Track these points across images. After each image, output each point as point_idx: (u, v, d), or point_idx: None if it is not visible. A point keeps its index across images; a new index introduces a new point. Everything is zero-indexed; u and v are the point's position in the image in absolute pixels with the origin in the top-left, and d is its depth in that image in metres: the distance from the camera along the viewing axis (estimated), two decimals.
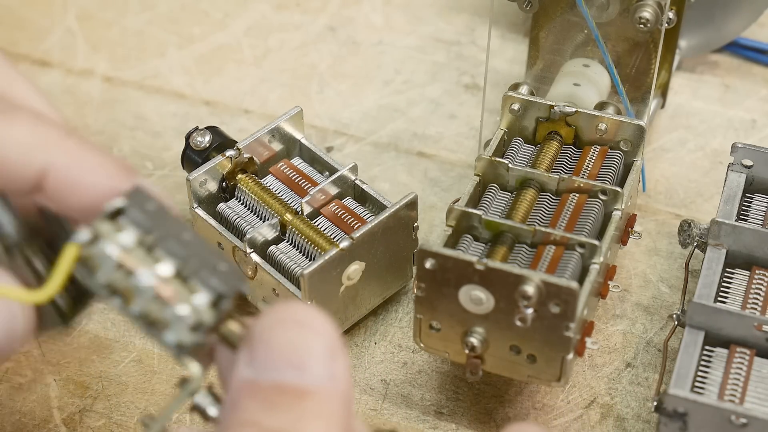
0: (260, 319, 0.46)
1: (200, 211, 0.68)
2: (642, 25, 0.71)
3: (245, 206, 0.68)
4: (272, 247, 0.66)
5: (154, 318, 0.46)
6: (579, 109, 0.67)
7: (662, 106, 0.79)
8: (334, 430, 0.44)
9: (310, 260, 0.65)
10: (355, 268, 0.64)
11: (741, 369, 0.60)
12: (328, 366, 0.45)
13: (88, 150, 0.49)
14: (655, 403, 0.59)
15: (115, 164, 0.49)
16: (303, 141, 0.71)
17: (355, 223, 0.66)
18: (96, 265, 0.46)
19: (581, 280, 0.60)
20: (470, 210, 0.62)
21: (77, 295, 0.49)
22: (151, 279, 0.46)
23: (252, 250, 0.65)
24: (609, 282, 0.64)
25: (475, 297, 0.58)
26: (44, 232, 0.50)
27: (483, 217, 0.62)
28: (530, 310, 0.57)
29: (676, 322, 0.64)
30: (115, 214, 0.47)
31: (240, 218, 0.67)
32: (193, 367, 0.46)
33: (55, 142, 0.49)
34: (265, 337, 0.45)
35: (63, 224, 0.49)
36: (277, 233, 0.67)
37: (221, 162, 0.68)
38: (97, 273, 0.46)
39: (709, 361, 0.60)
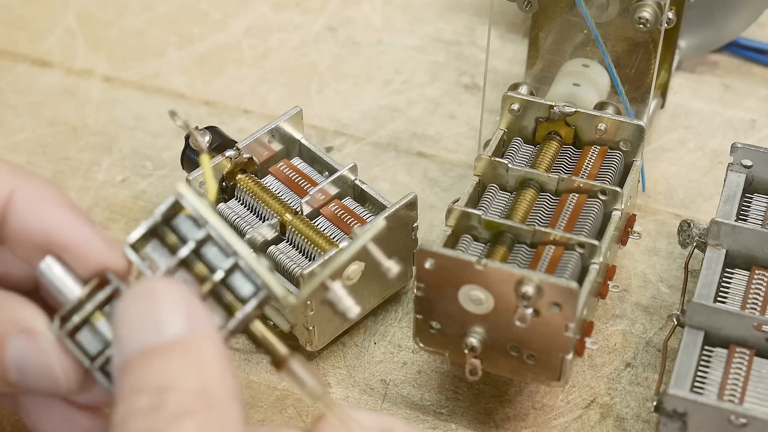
0: (116, 308, 0.49)
1: None
2: (642, 25, 0.71)
3: (245, 206, 0.68)
4: (272, 247, 0.66)
5: None
6: (579, 109, 0.67)
7: (662, 106, 0.79)
8: (210, 375, 0.46)
9: (310, 260, 0.65)
10: (355, 268, 0.64)
11: (740, 369, 0.60)
12: (184, 320, 0.47)
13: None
14: (654, 403, 0.59)
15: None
16: (303, 141, 0.71)
17: (355, 223, 0.66)
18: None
19: (581, 280, 0.60)
20: (470, 210, 0.62)
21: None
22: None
23: (252, 250, 0.65)
24: (609, 282, 0.64)
25: (475, 297, 0.58)
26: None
27: (483, 217, 0.62)
28: (530, 310, 0.57)
29: (676, 322, 0.64)
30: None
31: (240, 218, 0.67)
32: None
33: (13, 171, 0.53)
34: (120, 319, 0.48)
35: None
36: (276, 233, 0.67)
37: (221, 162, 0.68)
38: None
39: (708, 361, 0.60)
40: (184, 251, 0.52)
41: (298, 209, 0.67)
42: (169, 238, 0.53)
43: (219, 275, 0.52)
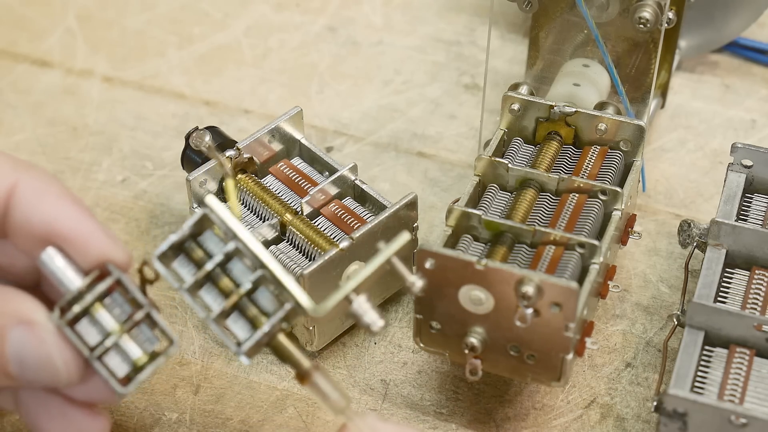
0: None
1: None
2: (642, 25, 0.71)
3: (245, 206, 0.68)
4: (272, 247, 0.66)
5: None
6: (579, 109, 0.67)
7: (662, 106, 0.79)
8: None
9: (310, 260, 0.65)
10: (355, 268, 0.64)
11: (741, 369, 0.60)
12: None
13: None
14: (654, 403, 0.59)
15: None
16: (303, 141, 0.71)
17: (355, 223, 0.66)
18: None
19: (581, 280, 0.60)
20: (470, 210, 0.62)
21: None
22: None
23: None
24: (609, 282, 0.64)
25: (475, 297, 0.58)
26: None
27: (483, 217, 0.62)
28: (530, 310, 0.57)
29: (676, 322, 0.64)
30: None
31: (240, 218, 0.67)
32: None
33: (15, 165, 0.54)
34: None
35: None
36: (277, 233, 0.67)
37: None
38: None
39: (708, 361, 0.60)
40: (210, 264, 0.53)
41: (298, 209, 0.67)
42: (195, 253, 0.54)
43: (245, 288, 0.53)
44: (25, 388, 0.54)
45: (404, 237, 0.54)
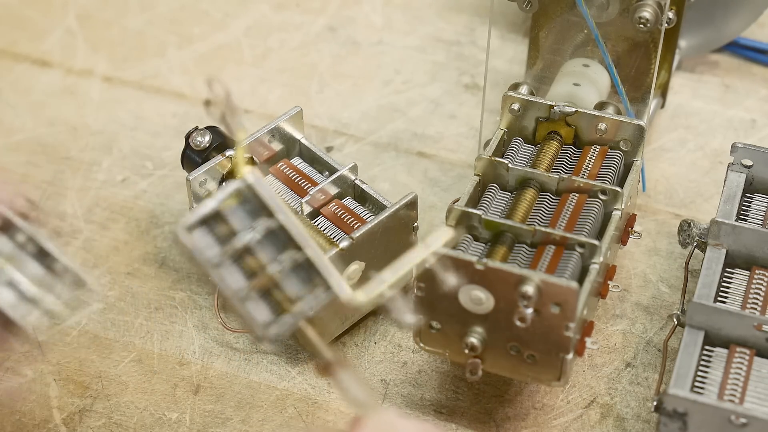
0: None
1: None
2: (642, 25, 0.71)
3: None
4: None
5: None
6: (579, 109, 0.67)
7: (662, 106, 0.79)
8: None
9: None
10: (355, 268, 0.64)
11: (741, 369, 0.59)
12: None
13: None
14: (654, 403, 0.59)
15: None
16: (303, 141, 0.71)
17: (355, 223, 0.66)
18: None
19: (581, 280, 0.60)
20: (470, 210, 0.62)
21: None
22: None
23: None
24: (609, 282, 0.64)
25: (475, 297, 0.58)
26: None
27: (483, 217, 0.62)
28: (530, 310, 0.57)
29: (676, 322, 0.64)
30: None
31: None
32: None
33: None
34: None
35: None
36: None
37: (221, 162, 0.68)
38: None
39: (708, 361, 0.60)
40: (243, 239, 0.50)
41: (298, 209, 0.67)
42: (219, 228, 0.51)
43: (275, 268, 0.50)
44: None
45: (447, 233, 0.53)
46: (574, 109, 0.67)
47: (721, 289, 0.63)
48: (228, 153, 0.68)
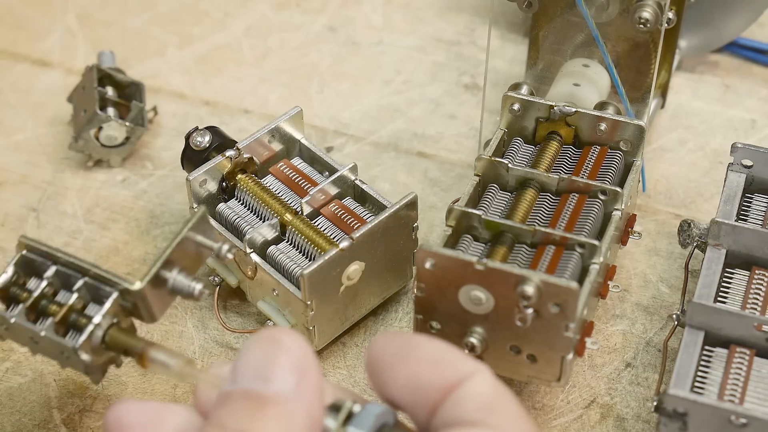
0: (245, 342, 0.50)
1: None
2: (642, 25, 0.71)
3: (245, 206, 0.68)
4: (272, 248, 0.66)
5: None
6: (579, 109, 0.67)
7: (662, 106, 0.79)
8: None
9: (310, 260, 0.65)
10: (355, 268, 0.64)
11: (741, 369, 0.60)
12: (293, 379, 0.47)
13: None
14: (654, 403, 0.59)
15: None
16: (303, 141, 0.71)
17: (355, 223, 0.66)
18: None
19: (581, 280, 0.60)
20: (470, 210, 0.62)
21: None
22: None
23: (252, 250, 0.65)
24: (609, 282, 0.64)
25: (475, 297, 0.58)
26: None
27: (483, 217, 0.62)
28: (530, 310, 0.57)
29: (676, 322, 0.64)
30: None
31: (240, 218, 0.67)
32: None
33: None
34: (243, 355, 0.48)
35: None
36: (276, 233, 0.67)
37: (221, 162, 0.68)
38: None
39: (708, 361, 0.60)
40: (34, 294, 0.56)
41: (298, 209, 0.67)
42: (21, 296, 0.56)
43: (72, 298, 0.55)
44: None
45: (200, 210, 0.56)
46: (574, 110, 0.67)
47: (721, 289, 0.63)
48: (228, 153, 0.68)
